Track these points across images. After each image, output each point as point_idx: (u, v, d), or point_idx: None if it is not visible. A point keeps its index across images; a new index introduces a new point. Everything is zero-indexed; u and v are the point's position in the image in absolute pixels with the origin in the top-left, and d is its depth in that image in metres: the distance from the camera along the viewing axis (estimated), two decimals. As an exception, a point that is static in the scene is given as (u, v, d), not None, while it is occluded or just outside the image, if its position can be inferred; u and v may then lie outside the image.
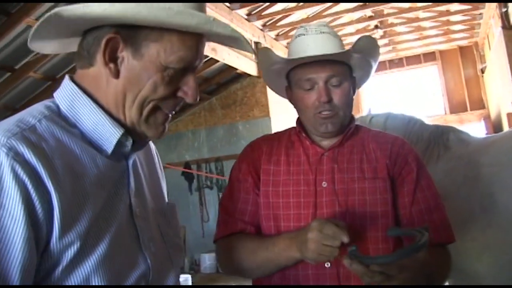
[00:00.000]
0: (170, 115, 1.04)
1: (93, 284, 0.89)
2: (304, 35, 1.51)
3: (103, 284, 0.90)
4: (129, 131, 1.01)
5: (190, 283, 6.37)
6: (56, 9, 0.89)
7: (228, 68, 7.81)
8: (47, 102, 0.99)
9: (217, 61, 7.12)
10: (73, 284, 0.88)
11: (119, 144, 0.99)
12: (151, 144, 1.25)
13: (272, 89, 1.72)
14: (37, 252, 0.84)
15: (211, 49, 6.36)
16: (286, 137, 1.61)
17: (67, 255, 0.86)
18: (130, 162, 1.04)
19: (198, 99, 1.03)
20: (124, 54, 0.95)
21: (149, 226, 1.06)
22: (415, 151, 1.58)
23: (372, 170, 1.49)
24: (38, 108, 0.96)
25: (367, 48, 1.52)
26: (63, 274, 0.87)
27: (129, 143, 1.01)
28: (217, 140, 9.06)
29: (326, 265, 1.40)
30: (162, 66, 0.96)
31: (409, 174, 1.50)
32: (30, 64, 5.31)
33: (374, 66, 1.61)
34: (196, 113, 9.39)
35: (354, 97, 1.58)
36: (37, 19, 4.75)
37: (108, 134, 0.97)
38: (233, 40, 1.07)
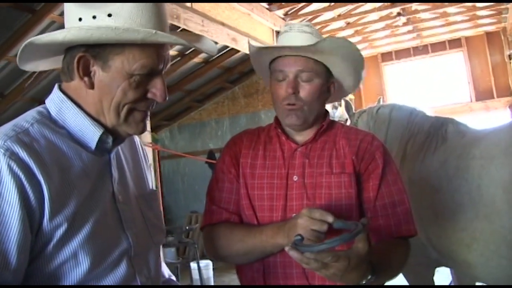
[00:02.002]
0: (148, 112, 1.21)
1: (80, 258, 1.06)
2: (287, 32, 1.62)
3: (88, 258, 1.06)
4: (110, 131, 1.17)
5: (211, 269, 6.55)
6: (29, 40, 1.08)
7: (249, 57, 7.84)
8: (39, 108, 1.17)
9: (238, 51, 7.19)
10: (63, 258, 1.05)
11: (101, 141, 1.17)
12: (136, 138, 1.41)
13: (264, 81, 1.82)
14: (31, 232, 1.01)
15: (231, 39, 6.43)
16: (265, 132, 1.71)
17: (56, 234, 1.04)
18: (112, 155, 1.21)
19: (167, 98, 1.19)
20: (95, 68, 1.13)
21: (131, 209, 1.23)
22: (383, 147, 1.64)
23: (340, 165, 1.57)
24: (31, 114, 1.15)
25: (334, 48, 1.55)
26: (54, 250, 1.04)
27: (109, 140, 1.19)
28: (240, 128, 9.16)
29: None
30: (127, 74, 1.13)
31: (375, 169, 1.58)
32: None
33: (362, 73, 1.67)
34: (219, 102, 9.53)
35: (379, 86, 1.66)
36: (60, 15, 4.92)
37: (91, 134, 1.16)
38: (199, 42, 1.27)
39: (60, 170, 1.07)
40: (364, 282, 1.33)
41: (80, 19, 1.10)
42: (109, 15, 1.09)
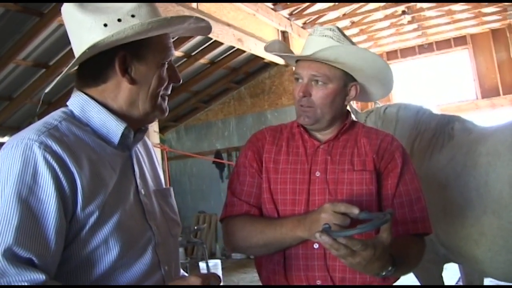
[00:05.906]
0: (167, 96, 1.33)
1: (110, 244, 1.12)
2: (311, 35, 1.67)
3: (118, 245, 1.13)
4: (135, 123, 1.27)
5: (219, 268, 6.59)
6: (93, 43, 1.14)
7: (255, 57, 7.92)
8: (63, 109, 1.25)
9: (244, 51, 7.23)
10: (95, 244, 1.11)
11: (123, 136, 1.24)
12: (148, 141, 1.49)
13: None
14: (66, 219, 1.08)
15: (237, 40, 6.48)
16: (288, 129, 1.75)
17: (89, 221, 1.11)
18: (133, 151, 1.30)
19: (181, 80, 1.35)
20: (133, 64, 1.22)
21: (152, 203, 1.31)
22: (402, 147, 1.69)
23: (361, 163, 1.62)
24: (57, 113, 1.23)
25: (341, 56, 1.56)
26: (87, 236, 1.11)
27: (131, 135, 1.27)
28: (246, 128, 9.21)
29: (314, 246, 1.54)
30: (159, 63, 1.25)
31: (394, 168, 1.62)
32: (62, 60, 5.56)
33: (389, 84, 1.71)
34: (225, 102, 9.57)
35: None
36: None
37: (114, 128, 1.23)
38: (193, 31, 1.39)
39: (89, 163, 1.14)
40: (384, 273, 1.36)
41: (105, 25, 1.17)
42: (132, 16, 1.19)
